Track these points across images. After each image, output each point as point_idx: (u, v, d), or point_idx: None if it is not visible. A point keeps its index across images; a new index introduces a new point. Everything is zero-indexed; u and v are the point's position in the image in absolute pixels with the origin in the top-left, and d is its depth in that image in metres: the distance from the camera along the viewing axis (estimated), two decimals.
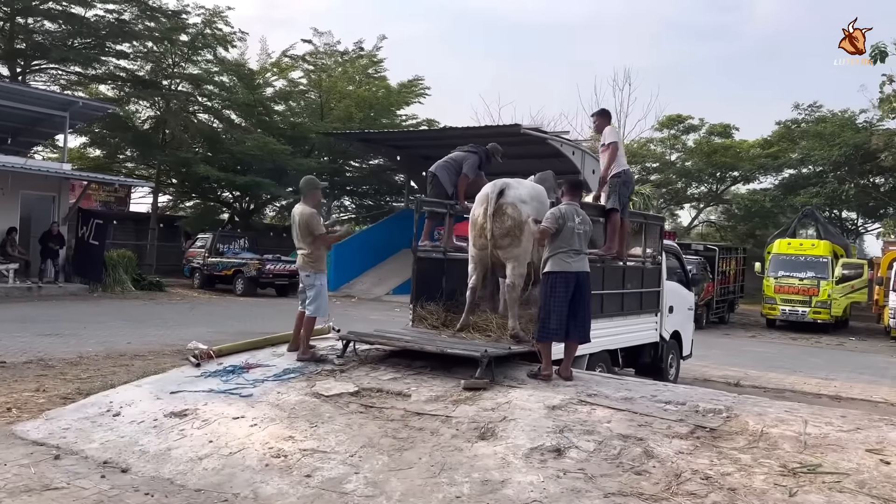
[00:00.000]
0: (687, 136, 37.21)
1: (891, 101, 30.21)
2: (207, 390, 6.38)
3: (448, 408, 5.80)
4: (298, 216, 7.35)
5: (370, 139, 26.90)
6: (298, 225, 7.32)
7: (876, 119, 32.57)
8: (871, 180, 33.82)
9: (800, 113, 34.87)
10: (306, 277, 7.39)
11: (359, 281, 26.28)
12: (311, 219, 7.27)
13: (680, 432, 5.22)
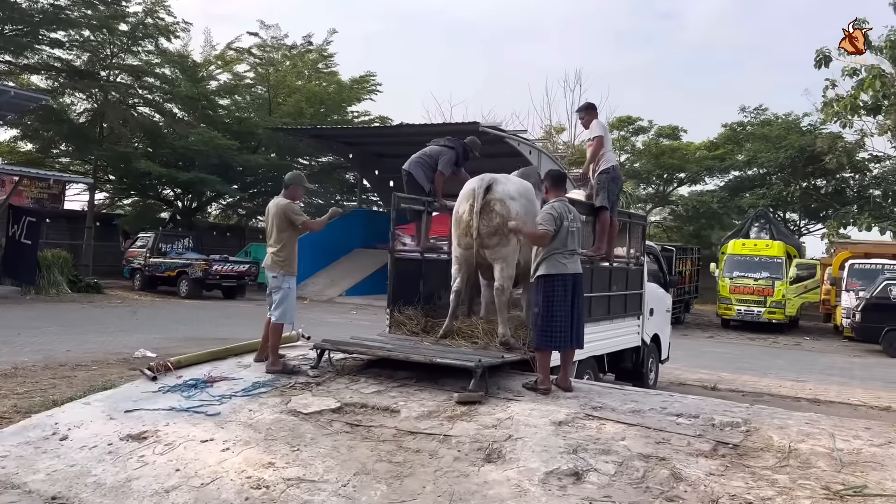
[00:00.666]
0: (636, 138, 37.42)
1: (833, 105, 31.01)
2: (168, 408, 5.66)
3: (444, 425, 5.24)
4: (274, 208, 6.74)
5: (322, 135, 26.06)
6: (274, 217, 6.69)
7: (819, 122, 33.37)
8: (813, 182, 34.58)
9: (745, 116, 35.45)
10: (273, 279, 6.76)
11: (310, 282, 25.40)
12: (288, 208, 6.67)
13: (703, 450, 4.78)
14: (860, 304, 16.90)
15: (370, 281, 25.48)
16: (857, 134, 31.72)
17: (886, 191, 32.53)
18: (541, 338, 5.90)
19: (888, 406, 9.64)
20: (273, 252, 6.73)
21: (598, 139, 7.89)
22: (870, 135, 31.92)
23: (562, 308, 5.85)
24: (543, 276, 5.92)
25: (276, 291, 6.73)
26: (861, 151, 32.02)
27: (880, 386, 11.65)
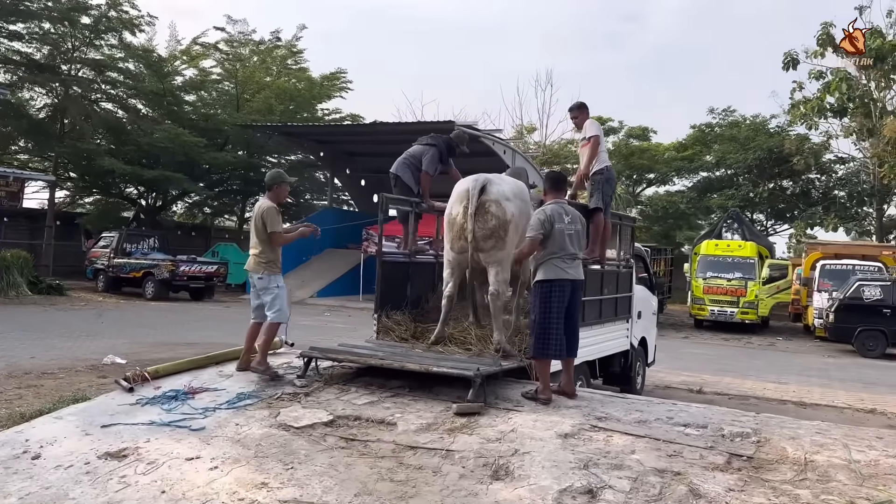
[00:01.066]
0: (606, 139, 37.47)
1: (800, 108, 31.43)
2: (148, 423, 5.31)
3: (444, 439, 4.98)
4: (257, 209, 6.53)
5: (293, 132, 25.59)
6: (257, 220, 6.47)
7: (786, 124, 33.85)
8: (779, 184, 35.04)
9: (714, 117, 35.82)
10: (259, 280, 6.53)
11: None
12: (268, 213, 6.44)
13: (717, 463, 4.59)
14: (834, 305, 17.04)
15: (342, 282, 25.12)
16: (822, 136, 32.26)
17: (851, 192, 33.09)
18: (538, 346, 5.68)
19: (873, 408, 9.65)
20: (255, 254, 6.52)
21: (594, 139, 7.70)
22: (835, 137, 32.48)
23: (559, 315, 5.64)
24: (540, 281, 5.70)
25: (265, 293, 6.52)
26: (826, 153, 32.59)
27: (860, 387, 11.70)
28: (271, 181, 6.71)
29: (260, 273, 6.49)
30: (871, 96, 29.73)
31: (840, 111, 30.11)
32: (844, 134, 31.58)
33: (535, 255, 5.81)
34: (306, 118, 29.40)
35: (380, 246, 7.39)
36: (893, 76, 29.28)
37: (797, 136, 31.57)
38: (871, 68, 28.96)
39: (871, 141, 29.30)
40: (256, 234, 6.47)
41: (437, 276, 8.25)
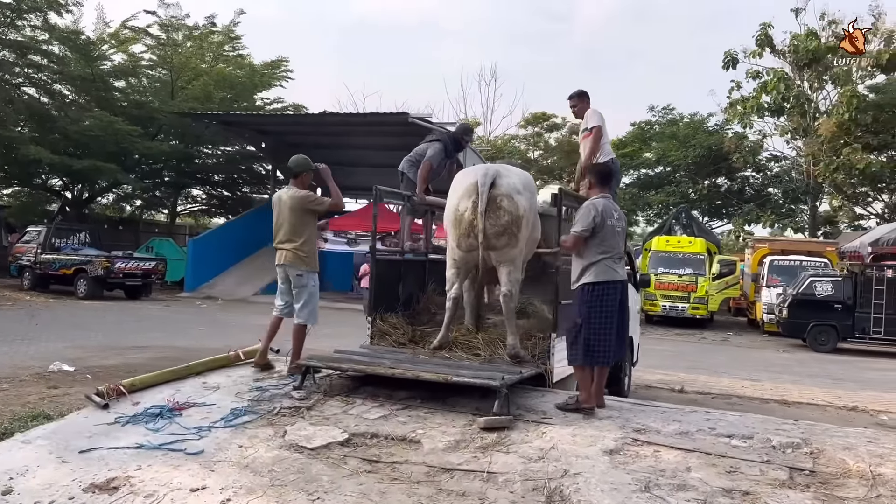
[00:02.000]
0: (550, 135, 37.59)
1: (737, 106, 32.15)
2: (135, 446, 4.62)
3: (479, 458, 4.49)
4: (289, 200, 6.09)
5: (233, 122, 24.45)
6: (289, 210, 6.07)
7: (723, 122, 34.58)
8: (714, 181, 35.80)
9: (654, 115, 36.28)
10: (298, 277, 6.12)
11: (219, 281, 23.89)
12: (306, 198, 6.14)
13: (780, 479, 4.25)
14: (787, 301, 17.29)
15: None
16: (757, 135, 33.11)
17: (786, 189, 34.06)
18: (583, 353, 5.25)
19: (854, 406, 9.62)
20: (295, 247, 6.10)
21: (595, 129, 7.29)
22: (769, 135, 33.40)
23: (609, 320, 5.23)
24: (592, 283, 5.26)
25: (301, 291, 6.13)
26: (761, 151, 33.45)
27: (831, 383, 11.76)
28: (299, 167, 6.31)
29: (300, 269, 6.13)
30: (806, 96, 30.63)
31: (777, 110, 30.94)
32: (780, 133, 32.50)
33: (582, 254, 5.36)
34: (245, 107, 28.24)
35: (373, 243, 6.81)
36: (826, 77, 30.27)
37: (736, 135, 32.27)
38: (806, 69, 29.86)
39: (807, 140, 30.19)
40: (292, 226, 6.09)
41: (428, 275, 7.78)
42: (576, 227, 5.40)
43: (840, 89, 29.25)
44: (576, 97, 7.57)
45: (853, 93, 28.15)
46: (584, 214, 5.38)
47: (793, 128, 30.86)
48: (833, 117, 28.17)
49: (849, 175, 28.80)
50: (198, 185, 32.37)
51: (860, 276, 16.67)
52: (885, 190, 33.64)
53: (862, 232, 30.12)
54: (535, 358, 6.06)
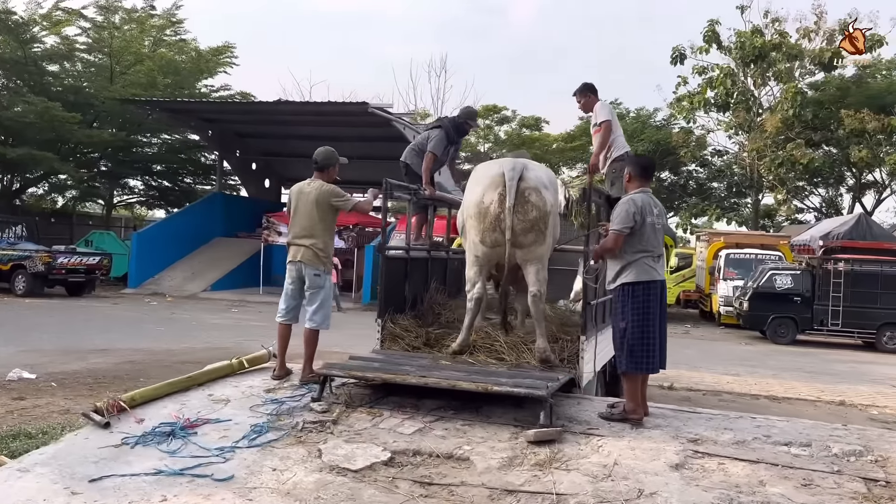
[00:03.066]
0: (500, 128, 37.44)
1: (683, 102, 32.67)
2: (153, 472, 4.08)
3: (539, 478, 4.14)
4: (314, 193, 5.64)
5: (179, 109, 23.32)
6: (312, 204, 5.62)
7: (669, 117, 35.11)
8: (659, 175, 36.35)
9: None
10: (315, 277, 5.65)
11: (166, 276, 22.83)
12: (332, 193, 5.68)
13: (859, 492, 4.04)
14: (748, 294, 17.51)
15: (237, 273, 23.37)
16: (701, 129, 33.74)
17: (730, 183, 34.85)
18: (633, 359, 4.96)
19: (842, 401, 9.69)
20: (314, 244, 5.63)
21: (605, 124, 6.99)
22: (713, 130, 34.08)
23: (652, 322, 4.96)
24: (633, 283, 4.97)
25: (316, 292, 5.67)
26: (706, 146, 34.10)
27: (807, 377, 11.89)
28: (326, 161, 5.78)
29: (318, 268, 5.64)
30: (750, 92, 31.32)
31: (722, 106, 31.55)
32: (724, 128, 33.17)
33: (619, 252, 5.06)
34: (189, 94, 27.06)
35: (384, 239, 6.36)
36: (769, 74, 30.99)
37: (683, 130, 32.77)
38: (751, 65, 30.50)
39: (751, 135, 30.87)
40: (312, 221, 5.64)
41: (430, 274, 7.39)
42: (614, 224, 5.11)
43: (783, 86, 30.00)
44: (580, 92, 7.24)
45: (797, 89, 28.91)
46: (622, 211, 5.08)
47: (737, 123, 31.51)
48: (777, 113, 28.86)
49: (792, 170, 29.58)
50: (137, 176, 30.95)
51: (819, 270, 17.00)
52: (821, 184, 34.80)
53: (800, 225, 31.07)
54: (564, 362, 5.75)
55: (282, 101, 21.79)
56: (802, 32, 30.01)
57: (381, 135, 22.04)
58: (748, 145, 31.61)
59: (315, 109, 20.82)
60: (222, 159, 26.21)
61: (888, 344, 16.30)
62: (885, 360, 14.89)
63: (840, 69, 30.31)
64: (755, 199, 33.20)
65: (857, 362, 14.22)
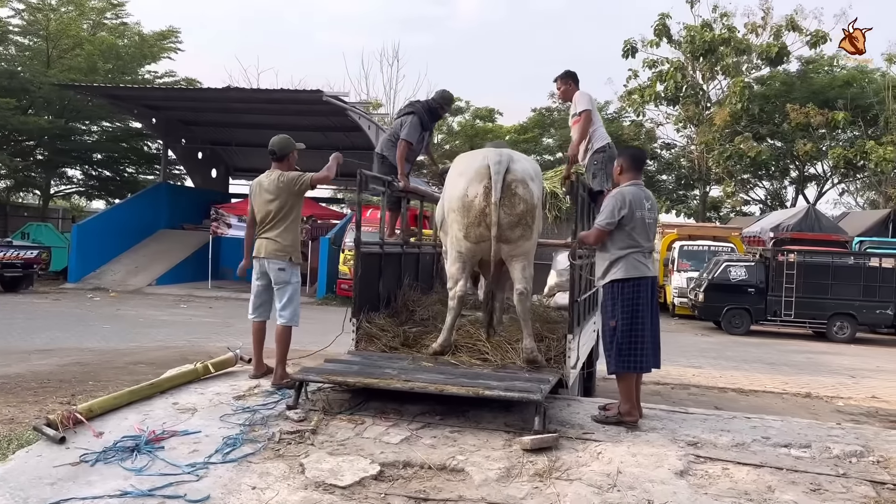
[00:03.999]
0: (453, 119, 37.12)
1: (634, 95, 32.94)
2: (118, 494, 3.69)
3: (541, 489, 3.89)
4: (276, 183, 5.37)
5: (121, 96, 22.27)
6: (275, 195, 5.36)
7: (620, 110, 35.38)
8: None
9: (554, 101, 36.55)
10: (280, 272, 5.37)
11: (108, 270, 21.87)
12: (291, 179, 5.40)
13: (871, 496, 3.92)
14: (703, 285, 17.66)
15: (184, 267, 22.57)
16: (650, 123, 34.13)
17: (679, 176, 35.34)
18: (622, 359, 4.75)
19: (807, 392, 9.75)
20: (276, 237, 5.37)
21: (585, 114, 6.76)
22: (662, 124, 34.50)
23: (645, 319, 4.75)
24: (623, 280, 4.75)
25: (283, 288, 5.38)
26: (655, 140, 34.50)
27: (769, 369, 11.97)
28: (283, 149, 5.51)
29: (281, 262, 5.36)
30: (699, 86, 31.77)
31: (672, 99, 31.93)
32: (674, 122, 33.59)
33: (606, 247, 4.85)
34: (131, 80, 25.97)
35: (358, 234, 6.01)
36: (717, 68, 31.47)
37: (634, 123, 33.07)
38: (700, 59, 30.91)
39: (700, 129, 31.32)
40: (273, 214, 5.38)
41: (403, 270, 7.08)
42: (600, 218, 4.89)
43: (731, 80, 30.50)
44: (560, 79, 7.01)
45: (744, 84, 29.42)
46: (609, 205, 4.86)
47: (686, 117, 31.92)
48: (726, 107, 29.33)
49: (739, 162, 30.14)
50: (76, 165, 29.63)
51: (772, 261, 17.23)
52: (766, 177, 35.59)
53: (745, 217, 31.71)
54: (550, 362, 5.52)
55: (231, 87, 21.06)
56: (750, 27, 30.56)
57: (336, 124, 21.53)
58: (697, 138, 32.08)
59: (266, 97, 20.15)
60: (167, 148, 25.24)
61: (838, 334, 16.63)
62: (837, 349, 15.17)
63: (786, 64, 31.03)
64: (703, 191, 33.76)
65: (812, 353, 14.44)
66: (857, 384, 10.72)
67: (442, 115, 7.23)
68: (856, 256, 18.27)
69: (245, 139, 24.83)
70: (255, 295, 5.56)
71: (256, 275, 5.51)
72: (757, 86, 31.33)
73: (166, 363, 7.67)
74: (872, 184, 31.27)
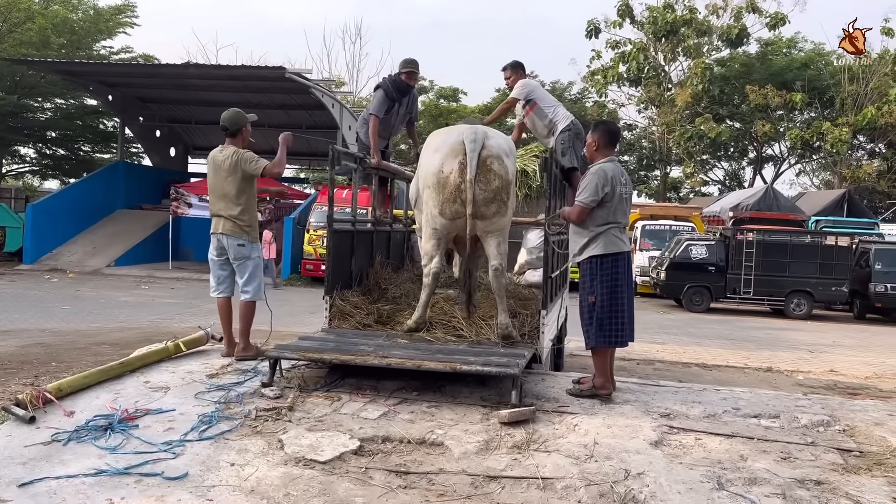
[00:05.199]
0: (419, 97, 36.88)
1: (597, 76, 33.13)
2: (93, 472, 3.62)
3: (520, 461, 3.93)
4: (224, 161, 5.32)
5: (76, 72, 21.62)
6: (228, 172, 5.30)
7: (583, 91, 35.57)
8: None
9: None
10: (239, 248, 5.38)
11: (65, 250, 21.35)
12: (244, 158, 5.31)
13: (838, 463, 4.04)
14: (665, 264, 17.93)
15: (143, 247, 22.13)
16: (612, 104, 34.37)
17: (641, 157, 35.70)
18: (602, 333, 4.80)
19: (769, 367, 9.98)
20: (232, 215, 5.34)
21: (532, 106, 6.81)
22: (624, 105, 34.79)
23: (622, 295, 4.81)
24: (601, 256, 4.79)
25: (243, 263, 5.40)
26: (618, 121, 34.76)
27: (730, 344, 12.22)
28: (235, 124, 5.42)
29: (241, 238, 5.35)
30: (661, 67, 32.05)
31: (635, 80, 32.18)
32: (636, 102, 33.90)
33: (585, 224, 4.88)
34: (86, 56, 25.22)
35: (330, 211, 5.94)
36: (679, 50, 31.79)
37: (597, 103, 33.27)
38: (662, 41, 31.17)
39: (661, 109, 31.65)
40: (227, 191, 5.34)
41: (375, 248, 7.05)
42: (582, 195, 4.90)
43: (692, 61, 30.85)
44: (509, 69, 7.02)
45: (705, 65, 29.77)
46: (591, 183, 4.88)
47: (648, 97, 32.24)
48: (687, 88, 29.68)
49: (699, 143, 30.57)
50: (29, 143, 28.76)
51: (732, 240, 17.56)
52: (724, 158, 36.19)
53: (704, 198, 32.26)
54: (524, 337, 5.56)
55: (190, 63, 20.53)
56: (711, 9, 30.89)
57: (299, 102, 21.23)
58: (658, 119, 32.45)
59: (227, 74, 19.73)
60: (124, 126, 24.63)
61: (795, 310, 17.06)
62: (794, 325, 15.57)
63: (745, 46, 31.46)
64: (664, 172, 34.20)
65: (770, 329, 14.80)
66: (816, 358, 11.02)
67: (408, 83, 7.11)
68: (812, 235, 18.71)
69: (204, 117, 24.32)
70: (214, 271, 5.56)
71: (215, 251, 5.50)
72: (717, 67, 31.74)
73: (130, 344, 7.55)
74: (828, 164, 32.01)
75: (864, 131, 28.77)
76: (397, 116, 7.04)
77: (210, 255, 5.55)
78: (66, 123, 27.60)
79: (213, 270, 5.56)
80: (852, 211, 23.70)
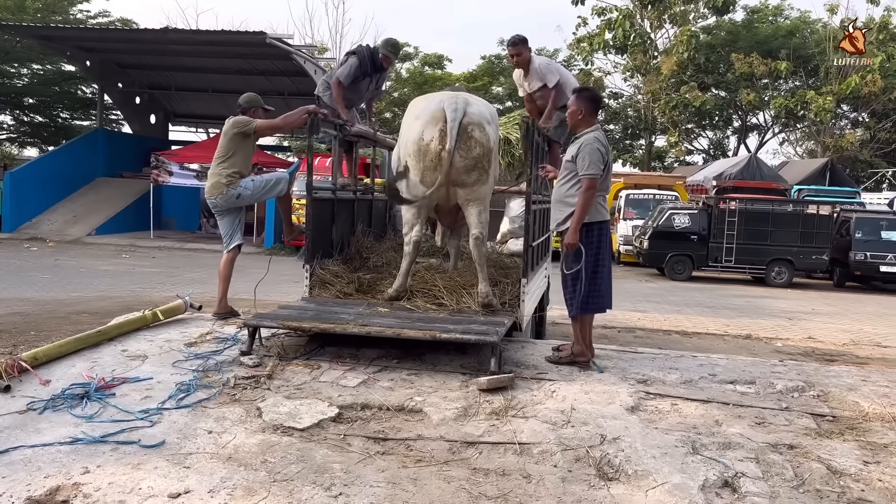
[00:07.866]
0: (402, 65, 36.47)
1: (583, 43, 32.87)
2: (69, 441, 3.61)
3: (498, 427, 3.96)
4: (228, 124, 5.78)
5: (53, 36, 21.15)
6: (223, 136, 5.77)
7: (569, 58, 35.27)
8: None
9: (504, 49, 36.21)
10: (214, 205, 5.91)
11: (44, 219, 21.09)
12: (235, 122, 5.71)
13: (812, 427, 4.12)
14: (648, 233, 17.98)
15: (124, 216, 21.88)
16: (599, 72, 34.15)
17: (626, 126, 35.61)
18: (587, 300, 4.82)
19: (748, 334, 10.09)
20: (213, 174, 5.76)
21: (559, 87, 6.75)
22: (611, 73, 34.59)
23: (606, 262, 4.84)
24: (586, 224, 4.79)
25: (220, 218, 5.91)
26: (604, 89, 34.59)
27: (710, 312, 12.31)
28: (248, 104, 5.90)
29: (214, 196, 5.71)
30: (647, 35, 31.83)
31: (620, 48, 31.95)
32: (622, 71, 33.72)
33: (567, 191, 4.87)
34: (63, 20, 24.72)
35: (310, 179, 5.89)
36: (665, 17, 31.55)
37: (583, 71, 33.02)
38: (648, 7, 30.91)
39: (647, 78, 31.49)
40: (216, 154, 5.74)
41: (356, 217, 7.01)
42: (591, 168, 4.77)
43: (678, 29, 30.66)
44: (514, 45, 6.90)
45: (691, 33, 29.60)
46: (593, 152, 4.79)
47: (634, 66, 32.06)
48: (673, 56, 29.51)
49: (684, 112, 30.51)
50: (5, 111, 28.26)
51: (714, 209, 17.63)
52: (709, 127, 36.20)
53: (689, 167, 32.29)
54: (505, 306, 5.57)
55: (170, 28, 20.16)
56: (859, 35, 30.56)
57: (280, 69, 20.93)
58: (644, 88, 32.31)
59: (207, 39, 19.38)
60: (103, 92, 24.21)
61: (776, 279, 17.21)
62: (774, 294, 15.71)
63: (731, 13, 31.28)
64: (648, 141, 34.17)
65: (751, 297, 14.92)
66: (795, 326, 11.14)
67: (386, 65, 7.04)
68: (794, 204, 18.82)
69: (185, 83, 23.98)
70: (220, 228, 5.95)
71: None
72: (703, 35, 31.59)
73: (110, 313, 7.47)
74: (811, 133, 32.11)
75: (847, 100, 28.83)
76: (367, 91, 6.96)
77: None
78: (44, 90, 27.12)
79: None
80: (835, 180, 23.84)
